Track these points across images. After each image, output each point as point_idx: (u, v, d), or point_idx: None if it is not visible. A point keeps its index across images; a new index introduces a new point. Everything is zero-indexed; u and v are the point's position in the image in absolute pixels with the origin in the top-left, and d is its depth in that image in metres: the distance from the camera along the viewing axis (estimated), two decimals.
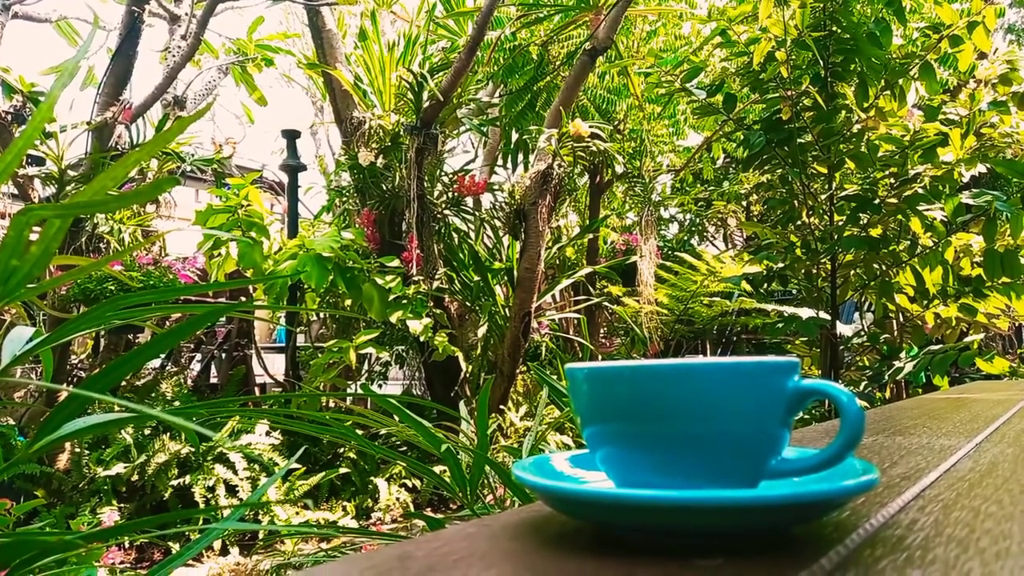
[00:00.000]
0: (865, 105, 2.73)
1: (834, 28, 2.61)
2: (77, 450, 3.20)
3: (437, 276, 3.99)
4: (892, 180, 2.74)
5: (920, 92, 2.88)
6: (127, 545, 2.95)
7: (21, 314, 3.51)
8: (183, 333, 0.60)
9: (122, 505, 3.12)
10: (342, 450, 3.68)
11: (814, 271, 2.91)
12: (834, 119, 2.71)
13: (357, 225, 4.11)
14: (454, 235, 4.41)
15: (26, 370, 3.93)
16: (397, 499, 3.51)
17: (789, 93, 2.71)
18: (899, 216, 2.71)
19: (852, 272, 2.96)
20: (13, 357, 0.49)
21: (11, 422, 3.20)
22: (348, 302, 3.85)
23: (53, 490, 3.11)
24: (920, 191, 2.63)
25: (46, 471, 3.08)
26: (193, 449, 3.22)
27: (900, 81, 2.71)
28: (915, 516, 0.38)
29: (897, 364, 2.95)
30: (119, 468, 3.14)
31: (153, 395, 3.82)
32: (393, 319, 3.60)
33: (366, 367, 4.67)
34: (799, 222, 2.91)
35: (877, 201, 2.67)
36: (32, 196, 3.60)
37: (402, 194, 4.05)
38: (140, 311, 0.59)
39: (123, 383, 3.93)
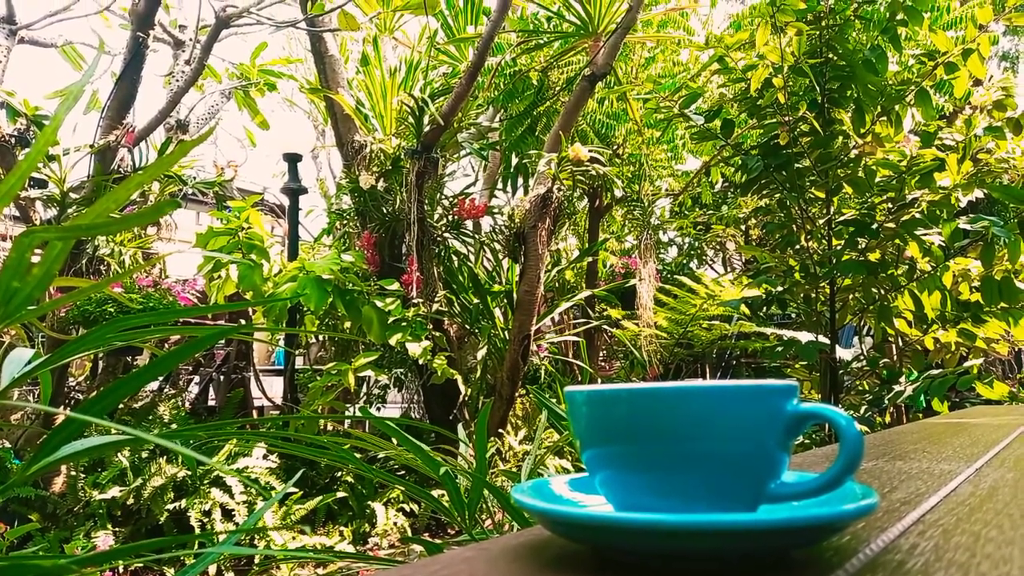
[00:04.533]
0: (862, 131, 2.76)
1: (830, 55, 2.64)
2: (73, 473, 3.18)
3: (437, 299, 3.99)
4: (890, 205, 2.76)
5: (916, 118, 2.90)
6: (121, 569, 2.92)
7: (20, 335, 3.51)
8: (182, 355, 0.60)
9: (117, 529, 3.09)
10: (340, 474, 3.65)
11: (813, 295, 2.91)
12: (831, 144, 2.73)
13: (357, 248, 4.13)
14: (454, 258, 4.42)
15: (23, 392, 3.92)
16: (395, 524, 3.48)
17: (786, 119, 2.74)
18: (897, 241, 2.72)
19: (851, 296, 2.96)
20: (12, 379, 0.49)
21: (7, 444, 3.18)
22: (347, 325, 3.85)
23: (48, 514, 3.08)
24: (918, 216, 2.64)
25: (41, 494, 3.06)
26: (190, 472, 3.20)
27: (896, 107, 2.73)
28: (915, 541, 0.38)
29: (897, 388, 2.94)
30: (115, 491, 3.12)
31: (151, 417, 3.80)
32: (392, 342, 3.59)
33: (365, 390, 4.65)
34: (798, 246, 2.92)
35: (875, 226, 2.69)
36: (34, 218, 3.62)
37: (402, 217, 4.07)
38: (140, 333, 0.59)
39: (120, 405, 3.91)
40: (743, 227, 6.09)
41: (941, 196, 2.63)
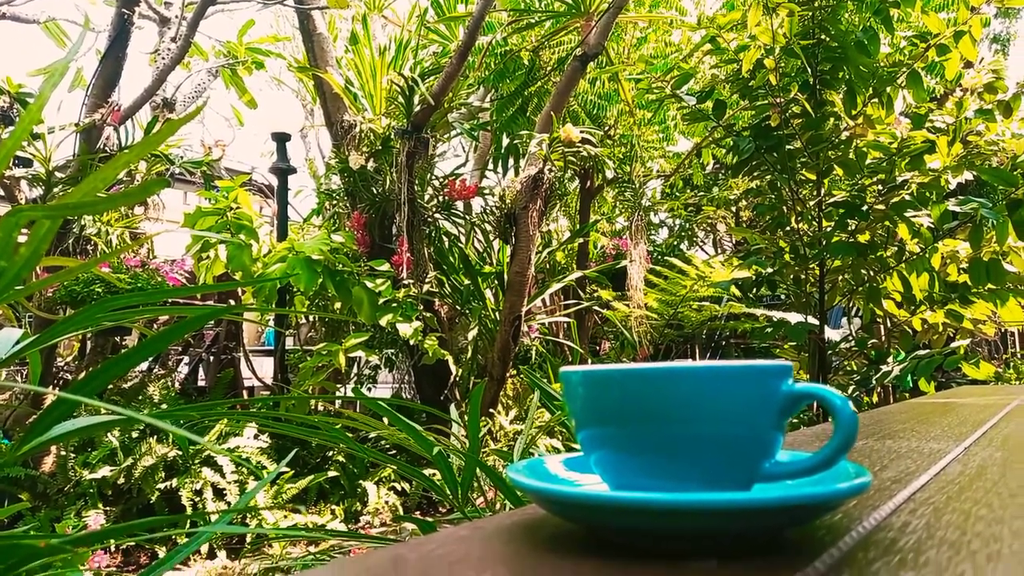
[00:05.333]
0: (853, 112, 2.76)
1: (822, 36, 2.63)
2: (63, 453, 3.17)
3: (427, 280, 3.98)
4: (880, 187, 2.76)
5: (907, 100, 2.90)
6: (113, 548, 2.92)
7: (8, 315, 3.48)
8: (172, 336, 0.59)
9: (108, 508, 3.09)
10: (331, 453, 3.66)
11: (803, 276, 2.93)
12: (822, 126, 2.73)
13: (347, 228, 4.11)
14: (444, 239, 4.40)
15: (11, 372, 3.89)
16: (386, 502, 3.50)
17: (778, 100, 2.73)
18: (886, 222, 2.73)
19: (840, 277, 2.97)
20: (1, 359, 0.48)
21: None
22: (337, 305, 3.84)
23: (38, 493, 3.07)
24: (907, 198, 2.65)
25: (31, 474, 3.05)
26: (180, 452, 3.20)
27: (888, 89, 2.73)
28: (907, 519, 0.38)
29: (884, 368, 2.97)
30: (105, 471, 3.11)
31: (140, 398, 3.79)
32: (383, 322, 3.59)
33: (355, 370, 4.66)
34: (788, 228, 2.93)
35: (865, 207, 2.69)
36: (19, 198, 3.57)
37: (392, 198, 4.05)
38: (129, 313, 0.59)
39: (110, 385, 3.89)
40: (734, 209, 6.10)
41: (931, 178, 2.64)
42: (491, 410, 3.80)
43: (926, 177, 2.64)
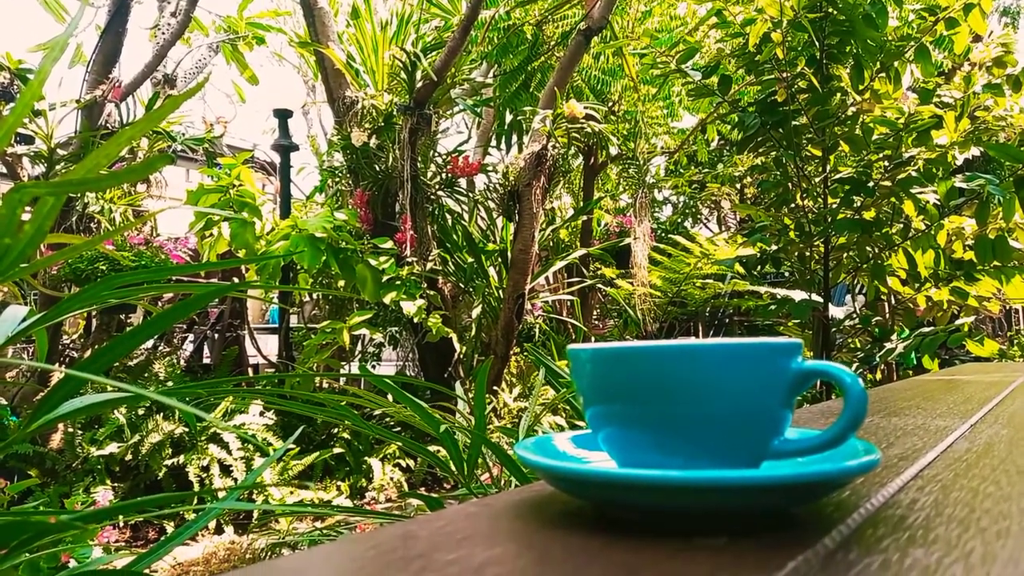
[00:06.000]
0: (860, 87, 2.73)
1: (830, 9, 2.60)
2: (70, 430, 3.20)
3: (431, 258, 3.98)
4: (886, 163, 2.74)
5: (915, 74, 2.87)
6: (122, 524, 2.96)
7: (14, 292, 3.49)
8: (179, 314, 0.59)
9: (116, 484, 3.12)
10: (336, 430, 3.69)
11: (807, 254, 2.92)
12: (829, 101, 2.70)
13: (350, 206, 4.09)
14: (447, 216, 4.39)
15: (17, 350, 3.91)
16: (391, 479, 3.53)
17: (784, 75, 2.70)
18: (892, 199, 2.71)
19: (845, 255, 2.96)
20: (8, 336, 0.49)
21: (3, 402, 3.19)
22: (341, 283, 3.84)
23: (46, 469, 3.10)
24: (914, 174, 2.63)
25: (39, 451, 3.08)
26: (187, 429, 3.22)
27: (895, 63, 2.70)
28: (915, 496, 0.38)
29: (888, 346, 2.97)
30: (112, 448, 3.14)
31: (146, 375, 3.81)
32: (387, 300, 3.59)
33: (359, 348, 4.67)
34: (793, 205, 2.91)
35: (871, 184, 2.68)
36: (21, 175, 3.56)
37: (395, 175, 4.03)
38: (134, 290, 0.59)
39: (116, 363, 3.91)
40: (738, 185, 6.07)
41: (938, 154, 2.62)
42: (495, 387, 3.82)
43: (933, 153, 2.62)
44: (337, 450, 3.59)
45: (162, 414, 3.31)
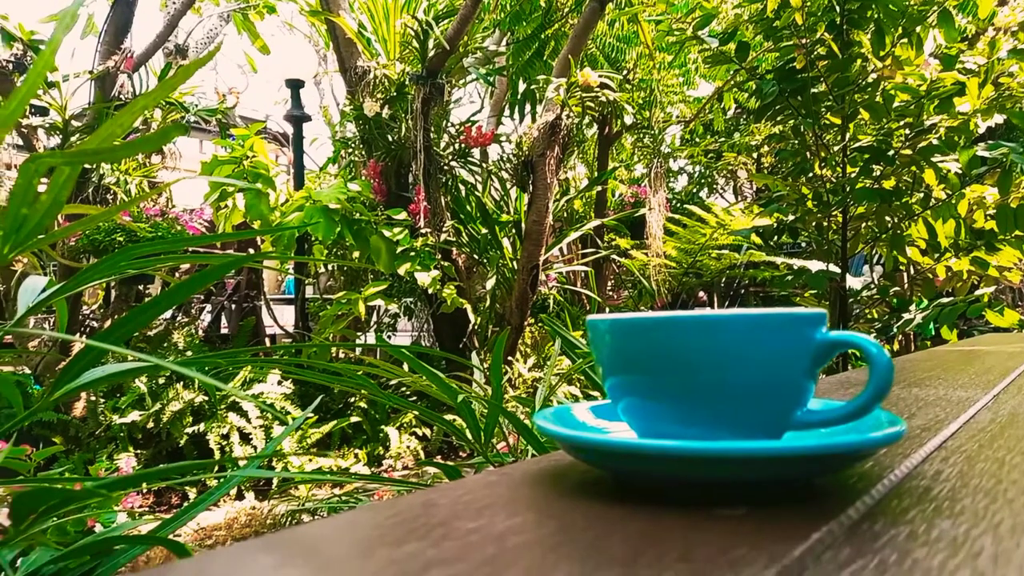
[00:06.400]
0: (881, 54, 2.66)
1: None
2: (92, 398, 3.25)
3: (444, 228, 3.97)
4: (907, 131, 2.69)
5: (938, 40, 2.80)
6: (145, 489, 3.02)
7: (33, 263, 3.53)
8: (197, 284, 0.59)
9: (138, 451, 3.18)
10: (353, 399, 3.73)
11: (825, 223, 2.88)
12: (849, 68, 2.65)
13: (363, 177, 4.08)
14: (461, 187, 4.37)
15: (39, 320, 3.97)
16: (408, 447, 3.57)
17: (803, 41, 2.65)
18: (913, 168, 2.67)
19: (863, 224, 2.93)
20: (29, 307, 0.49)
21: (27, 371, 3.25)
22: (356, 254, 3.85)
23: (70, 437, 3.17)
24: (935, 142, 2.58)
25: (63, 419, 3.14)
26: (207, 398, 3.27)
27: (918, 29, 2.63)
28: (939, 467, 0.38)
29: (906, 316, 2.94)
30: (134, 416, 3.19)
31: (165, 345, 3.85)
32: (401, 271, 3.60)
33: (375, 319, 4.70)
34: (811, 174, 2.87)
35: (891, 152, 2.63)
36: (37, 146, 3.58)
37: (408, 145, 4.01)
38: (151, 261, 0.59)
39: (136, 333, 3.96)
40: (755, 155, 5.99)
41: (960, 122, 2.57)
42: (509, 358, 3.83)
43: (955, 121, 2.57)
44: (354, 419, 3.63)
45: (182, 383, 3.35)
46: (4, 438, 1.90)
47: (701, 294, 5.56)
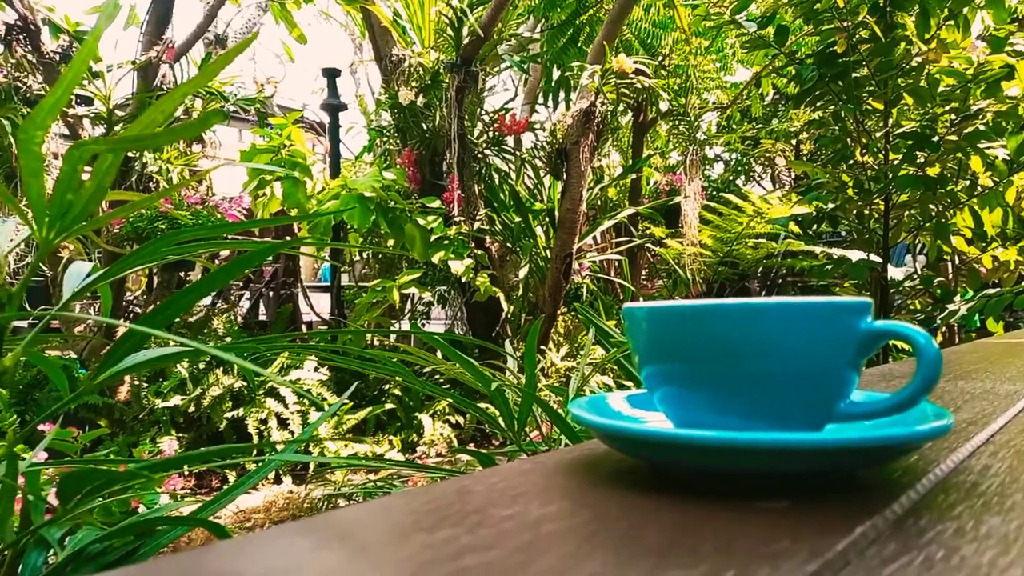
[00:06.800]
0: (926, 36, 2.58)
1: None
2: (136, 383, 3.34)
3: (478, 217, 3.98)
4: (952, 116, 2.61)
5: (986, 22, 2.71)
6: (187, 472, 3.10)
7: (78, 249, 3.62)
8: (235, 270, 0.60)
9: (180, 435, 3.26)
10: (387, 387, 3.77)
11: (866, 212, 2.82)
12: (892, 52, 2.57)
13: (398, 165, 4.10)
14: (495, 175, 4.37)
15: (84, 306, 4.08)
16: (441, 434, 3.60)
17: (845, 24, 2.58)
18: (958, 154, 2.59)
19: (906, 213, 2.85)
20: (74, 291, 0.50)
21: (72, 355, 3.34)
22: (391, 242, 3.88)
23: (115, 420, 3.26)
24: (982, 128, 2.50)
25: (107, 402, 3.23)
26: (246, 383, 3.33)
27: (965, 10, 2.54)
28: (987, 462, 0.37)
29: (951, 308, 2.87)
30: (176, 400, 3.27)
31: (205, 331, 3.94)
32: (435, 259, 3.61)
33: (409, 307, 4.73)
34: (852, 161, 2.80)
35: (936, 139, 2.56)
36: (82, 135, 3.67)
37: (442, 133, 4.02)
38: (191, 247, 0.60)
39: (177, 319, 4.05)
40: (794, 142, 5.87)
41: (1008, 106, 2.48)
42: (542, 347, 3.83)
43: (1003, 105, 2.49)
44: (389, 406, 3.67)
45: (222, 369, 3.42)
46: (51, 420, 1.96)
47: (755, 284, 5.48)
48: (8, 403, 2.95)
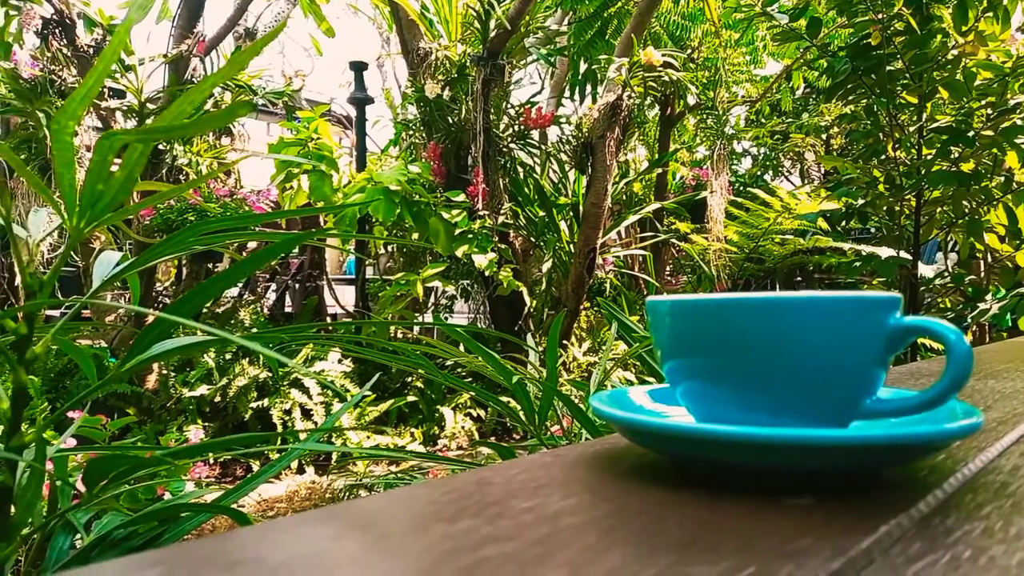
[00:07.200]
0: (964, 28, 2.53)
1: None
2: (164, 372, 3.39)
3: (502, 211, 3.98)
4: (989, 111, 2.55)
5: None
6: (212, 461, 3.14)
7: (109, 239, 3.69)
8: (260, 260, 0.61)
9: (207, 424, 3.31)
10: (410, 379, 3.79)
11: (897, 208, 2.77)
12: (928, 44, 2.52)
13: (423, 159, 4.12)
14: (520, 169, 4.36)
15: (115, 295, 4.16)
16: (462, 427, 3.61)
17: (880, 16, 2.53)
18: (994, 150, 2.53)
19: (938, 209, 2.80)
20: (103, 280, 0.51)
21: (103, 344, 3.41)
22: (415, 236, 3.89)
23: (143, 408, 3.32)
24: (1019, 122, 2.44)
25: (136, 391, 3.28)
26: (271, 374, 3.37)
27: (1004, 1, 2.48)
28: (1017, 462, 0.36)
29: (982, 306, 2.81)
30: (203, 390, 3.32)
31: (232, 322, 3.99)
32: (459, 253, 3.62)
33: (432, 300, 4.75)
34: (884, 156, 2.76)
35: (971, 133, 2.50)
36: (114, 128, 3.73)
37: (468, 127, 4.02)
38: (219, 237, 0.60)
39: (204, 310, 4.11)
40: (824, 136, 5.79)
41: None
42: (564, 342, 3.82)
43: None
44: (411, 398, 3.69)
45: (248, 359, 3.46)
46: (79, 407, 2.00)
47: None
48: (40, 390, 3.02)
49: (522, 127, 4.21)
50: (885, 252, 2.82)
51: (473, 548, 0.24)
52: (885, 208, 2.82)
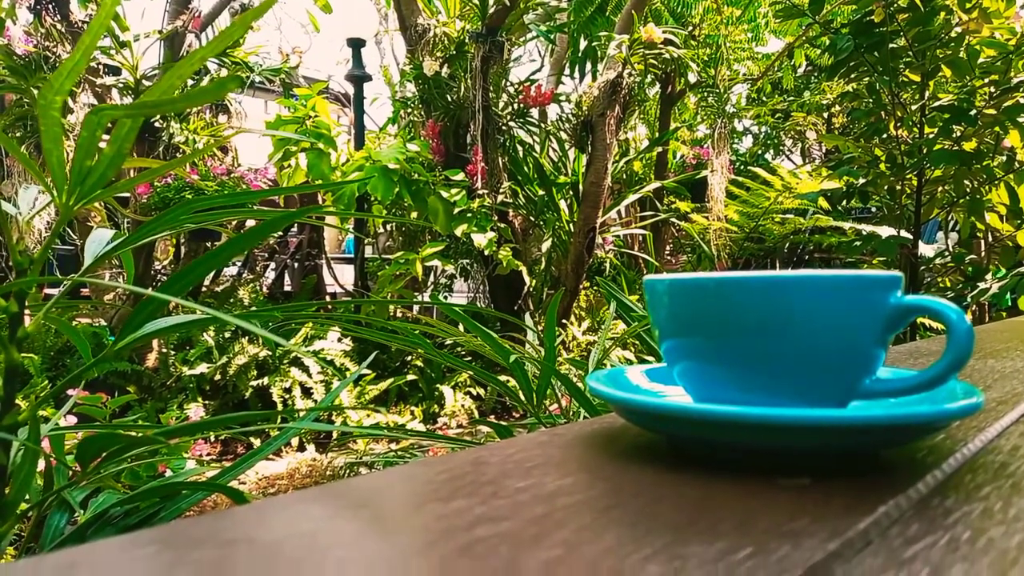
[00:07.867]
0: (968, 5, 2.50)
1: None
2: (164, 351, 3.40)
3: (501, 190, 3.96)
4: (992, 89, 2.53)
5: None
6: (213, 439, 3.16)
7: (102, 217, 3.67)
8: (255, 237, 0.60)
9: (207, 402, 3.32)
10: (409, 358, 3.79)
11: (898, 187, 2.76)
12: (931, 21, 2.49)
13: (422, 137, 4.09)
14: (519, 148, 4.34)
15: (114, 274, 4.15)
16: (462, 406, 3.62)
17: None
18: (996, 129, 2.52)
19: (940, 189, 2.79)
20: (95, 257, 0.50)
21: (103, 323, 3.41)
22: (414, 215, 3.88)
23: (143, 386, 3.32)
24: (1022, 101, 2.43)
25: (136, 369, 3.29)
26: (271, 352, 3.38)
27: None
28: (1017, 442, 0.36)
29: (982, 286, 2.81)
30: (203, 368, 3.33)
31: (231, 301, 3.99)
32: (458, 232, 3.61)
33: (432, 279, 4.75)
34: (885, 135, 2.74)
35: (973, 112, 2.48)
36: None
37: (467, 105, 3.98)
38: (213, 214, 0.60)
39: (203, 289, 4.11)
40: (826, 115, 5.75)
41: None
42: (564, 321, 3.83)
43: None
44: (410, 377, 3.70)
45: (248, 338, 3.47)
46: (76, 385, 2.00)
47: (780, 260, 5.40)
48: (40, 369, 3.03)
49: (521, 105, 4.18)
50: (886, 231, 2.81)
51: (467, 528, 0.24)
52: (886, 187, 2.81)
